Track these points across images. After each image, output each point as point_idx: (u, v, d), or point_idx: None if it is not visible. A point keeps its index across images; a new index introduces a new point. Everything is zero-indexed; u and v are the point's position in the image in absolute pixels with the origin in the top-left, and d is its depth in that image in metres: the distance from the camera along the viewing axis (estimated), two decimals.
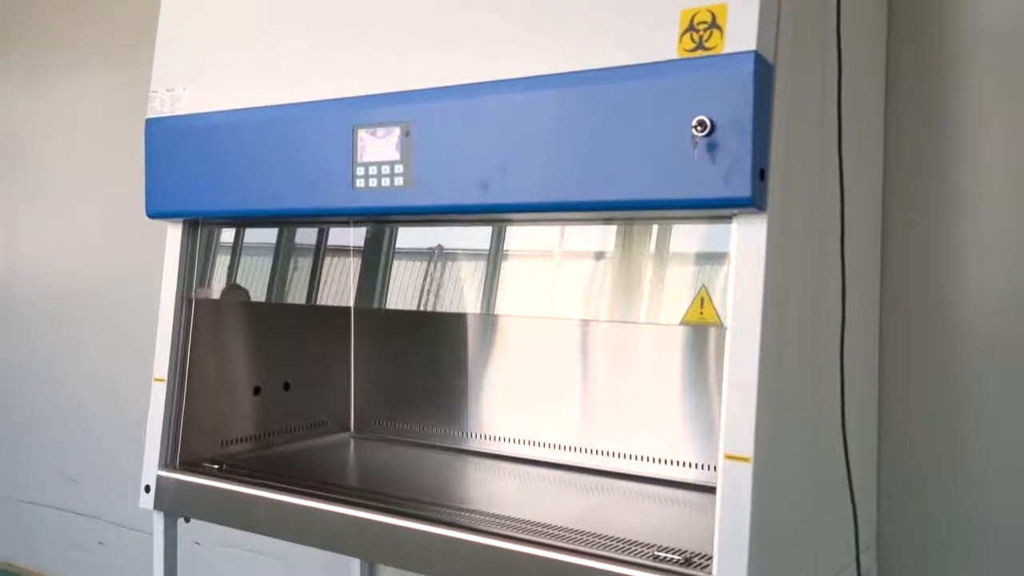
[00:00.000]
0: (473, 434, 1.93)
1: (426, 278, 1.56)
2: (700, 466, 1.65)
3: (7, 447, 3.27)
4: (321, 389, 2.05)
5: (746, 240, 1.14)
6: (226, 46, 1.59)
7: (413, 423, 2.02)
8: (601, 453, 1.76)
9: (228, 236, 1.75)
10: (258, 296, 1.77)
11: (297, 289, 1.74)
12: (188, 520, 1.69)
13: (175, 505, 1.67)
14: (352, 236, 1.67)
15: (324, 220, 1.70)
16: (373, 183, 1.39)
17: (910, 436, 1.63)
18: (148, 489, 1.67)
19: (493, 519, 1.40)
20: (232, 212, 1.60)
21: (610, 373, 1.77)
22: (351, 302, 1.70)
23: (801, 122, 1.24)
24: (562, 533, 1.32)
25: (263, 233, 1.75)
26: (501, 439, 1.89)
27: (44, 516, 3.15)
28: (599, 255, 1.39)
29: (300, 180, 1.47)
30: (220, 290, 1.76)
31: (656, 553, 1.23)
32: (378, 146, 1.38)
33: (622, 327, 1.74)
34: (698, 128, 1.11)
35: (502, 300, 1.48)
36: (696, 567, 1.19)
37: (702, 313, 1.25)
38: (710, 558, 1.15)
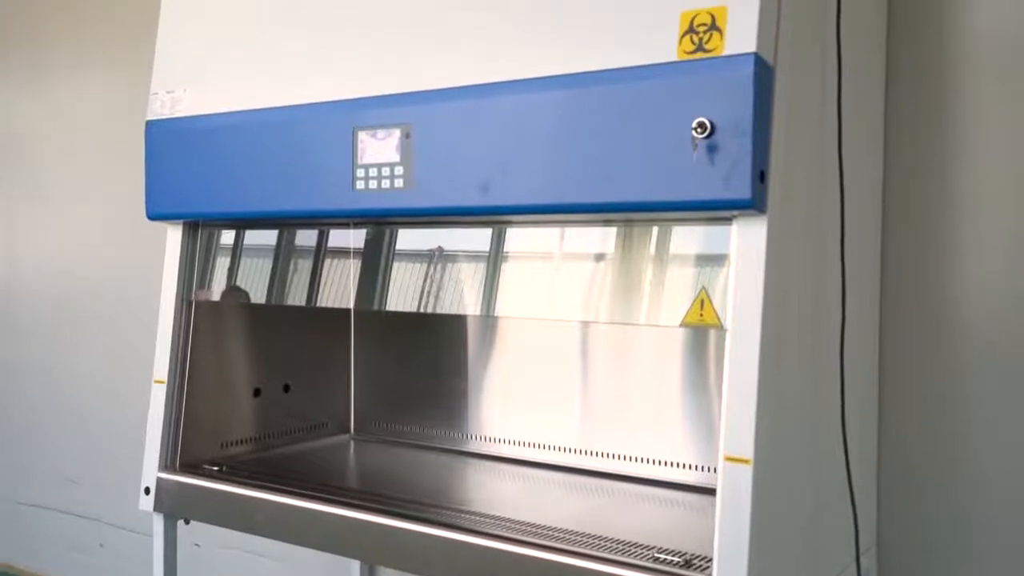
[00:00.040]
0: (473, 436, 1.93)
1: (426, 280, 1.56)
2: (700, 468, 1.65)
3: (7, 448, 3.27)
4: (321, 391, 2.05)
5: (746, 242, 1.14)
6: (226, 48, 1.59)
7: (413, 425, 2.02)
8: (601, 455, 1.76)
9: (228, 238, 1.75)
10: (258, 298, 1.77)
11: (297, 291, 1.74)
12: (188, 522, 1.69)
13: (175, 507, 1.66)
14: (352, 238, 1.67)
15: (324, 222, 1.70)
16: (373, 185, 1.39)
17: (910, 436, 1.63)
18: (148, 491, 1.67)
19: (493, 521, 1.40)
20: (232, 214, 1.60)
21: (610, 375, 1.77)
22: (351, 304, 1.70)
23: (801, 123, 1.24)
24: (562, 535, 1.32)
25: (263, 235, 1.75)
26: (501, 441, 1.89)
27: (44, 518, 3.15)
28: (599, 257, 1.39)
29: (300, 182, 1.47)
30: (220, 292, 1.76)
31: (656, 555, 1.23)
32: (378, 148, 1.38)
33: (622, 329, 1.74)
34: (698, 130, 1.11)
35: (502, 302, 1.48)
36: (696, 569, 1.19)
37: (702, 315, 1.25)
38: (710, 560, 1.15)
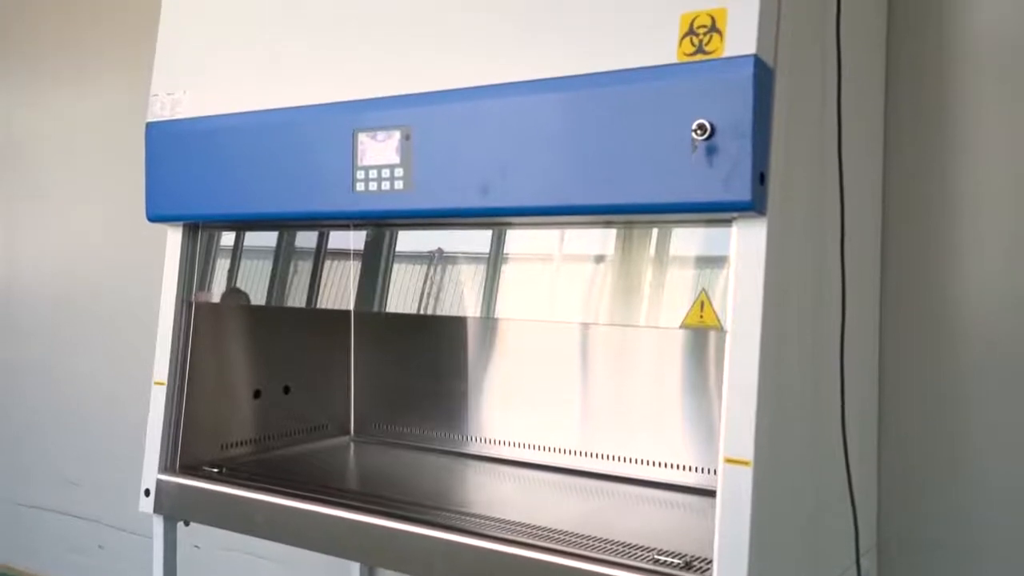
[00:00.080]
0: (473, 438, 1.93)
1: (426, 282, 1.56)
2: (700, 469, 1.65)
3: (7, 450, 3.27)
4: (321, 392, 2.05)
5: (746, 243, 1.14)
6: (226, 50, 1.59)
7: (413, 426, 2.02)
8: (601, 457, 1.76)
9: (228, 239, 1.75)
10: (258, 300, 1.77)
11: (297, 292, 1.74)
12: (188, 524, 1.69)
13: (175, 509, 1.66)
14: (352, 240, 1.67)
15: (324, 224, 1.70)
16: (373, 187, 1.39)
17: (910, 437, 1.63)
18: (148, 493, 1.67)
19: (493, 523, 1.40)
20: (232, 215, 1.60)
21: (610, 377, 1.77)
22: (351, 305, 1.70)
23: (801, 124, 1.24)
24: (562, 537, 1.31)
25: (263, 236, 1.75)
26: (501, 443, 1.89)
27: (44, 519, 3.14)
28: (599, 259, 1.39)
29: (300, 184, 1.47)
30: (220, 293, 1.76)
31: (656, 557, 1.23)
32: (378, 149, 1.38)
33: (622, 331, 1.74)
34: (698, 132, 1.11)
35: (502, 304, 1.48)
36: (696, 571, 1.19)
37: (702, 316, 1.25)
38: (710, 562, 1.15)
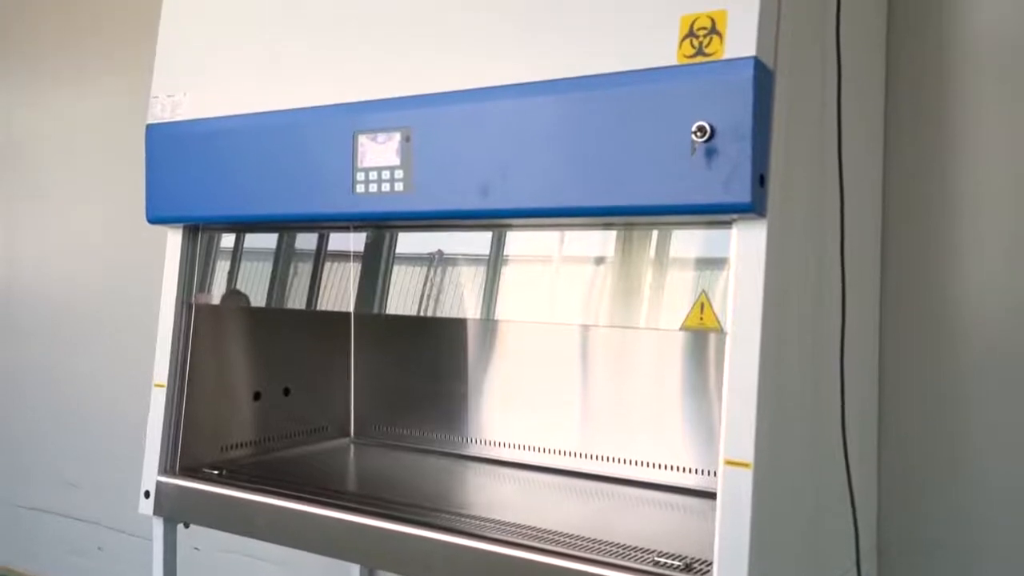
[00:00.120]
0: (473, 439, 1.93)
1: (426, 283, 1.56)
2: (700, 471, 1.65)
3: (7, 451, 3.27)
4: (321, 394, 2.05)
5: (746, 245, 1.14)
6: (227, 52, 1.59)
7: (413, 428, 2.02)
8: (601, 458, 1.76)
9: (228, 241, 1.75)
10: (258, 301, 1.77)
11: (297, 294, 1.74)
12: (188, 526, 1.69)
13: (175, 510, 1.66)
14: (352, 241, 1.67)
15: (324, 225, 1.70)
16: (373, 188, 1.39)
17: (910, 437, 1.63)
18: (148, 494, 1.67)
19: (493, 524, 1.39)
20: (232, 217, 1.60)
21: (610, 378, 1.77)
22: (351, 307, 1.70)
23: (801, 125, 1.24)
24: (562, 539, 1.31)
25: (263, 238, 1.75)
26: (501, 444, 1.89)
27: (43, 521, 3.14)
28: (599, 260, 1.39)
29: (300, 185, 1.47)
30: (220, 295, 1.76)
31: (656, 559, 1.23)
32: (378, 151, 1.38)
33: (622, 332, 1.74)
34: (698, 134, 1.11)
35: (502, 305, 1.48)
36: (696, 573, 1.19)
37: (702, 318, 1.25)
38: (710, 563, 1.14)
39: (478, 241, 1.50)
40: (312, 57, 1.49)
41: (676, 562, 1.21)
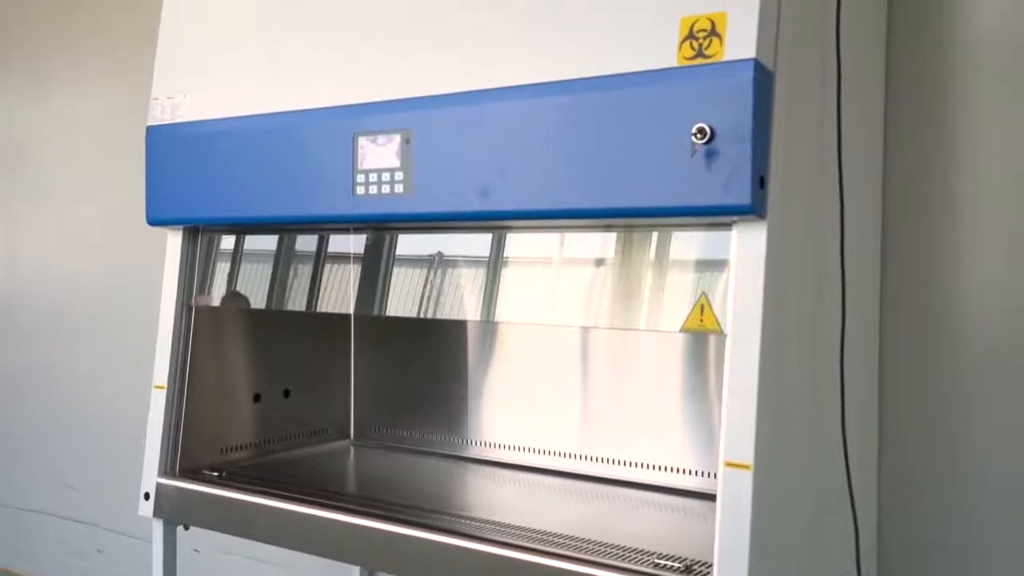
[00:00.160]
0: (473, 441, 1.93)
1: (426, 285, 1.56)
2: (700, 473, 1.65)
3: (6, 453, 3.27)
4: (321, 396, 2.05)
5: (746, 247, 1.14)
6: (227, 54, 1.59)
7: (413, 430, 2.02)
8: (601, 460, 1.76)
9: (228, 243, 1.75)
10: (258, 303, 1.77)
11: (297, 296, 1.74)
12: (187, 527, 1.69)
13: (174, 512, 1.66)
14: (352, 243, 1.67)
15: (324, 227, 1.70)
16: (373, 190, 1.39)
17: (910, 437, 1.63)
18: (147, 496, 1.67)
19: (493, 526, 1.39)
20: (232, 219, 1.60)
21: (610, 380, 1.77)
22: (351, 309, 1.70)
23: (801, 126, 1.24)
24: (562, 540, 1.31)
25: (263, 240, 1.75)
26: (501, 446, 1.89)
27: (43, 523, 3.14)
28: (599, 262, 1.39)
29: (300, 187, 1.47)
30: (220, 297, 1.76)
31: (656, 560, 1.23)
32: (378, 153, 1.38)
33: (622, 334, 1.74)
34: (698, 136, 1.11)
35: (502, 307, 1.48)
36: (696, 575, 1.19)
37: (702, 320, 1.25)
38: (710, 565, 1.14)
39: (478, 243, 1.50)
40: (312, 59, 1.49)
41: (676, 564, 1.21)
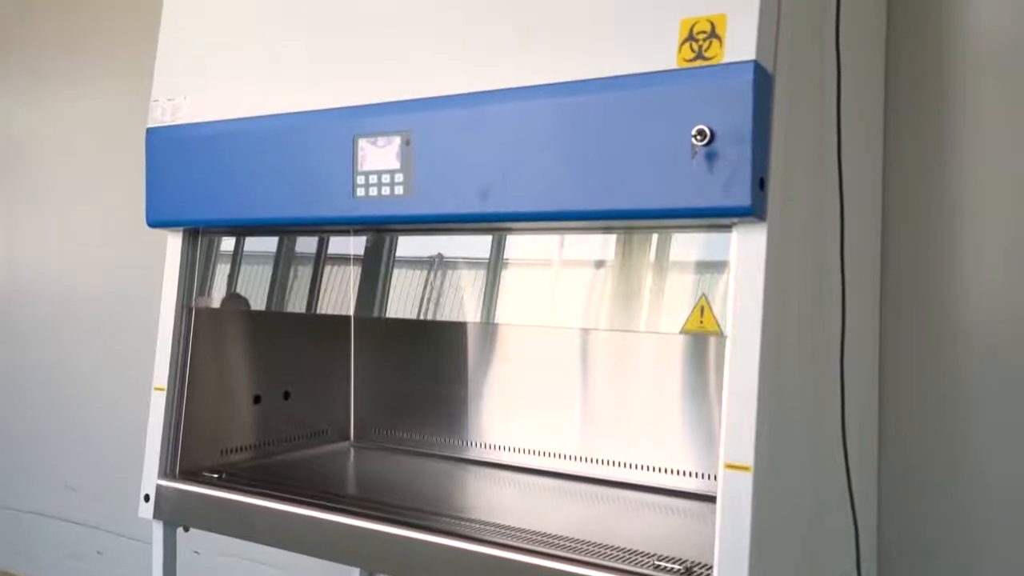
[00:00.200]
0: (473, 443, 1.93)
1: (426, 287, 1.56)
2: (700, 475, 1.65)
3: (6, 454, 3.27)
4: (321, 398, 2.05)
5: (746, 249, 1.14)
6: (227, 55, 1.59)
7: (413, 432, 2.02)
8: (601, 462, 1.76)
9: (228, 245, 1.75)
10: (258, 305, 1.77)
11: (297, 298, 1.74)
12: (187, 529, 1.69)
13: (174, 514, 1.66)
14: (352, 245, 1.67)
15: (324, 229, 1.70)
16: (373, 192, 1.39)
17: (910, 437, 1.63)
18: (147, 498, 1.67)
19: (493, 528, 1.39)
20: (232, 221, 1.60)
21: (610, 382, 1.77)
22: (351, 311, 1.70)
23: (800, 127, 1.24)
24: (562, 542, 1.31)
25: (263, 242, 1.75)
26: (501, 448, 1.89)
27: (43, 525, 3.14)
28: (599, 264, 1.39)
29: (300, 189, 1.47)
30: (220, 299, 1.76)
31: (657, 562, 1.23)
32: (378, 155, 1.38)
33: (622, 336, 1.74)
34: (698, 137, 1.11)
35: (502, 309, 1.48)
36: None
37: (702, 322, 1.25)
38: (711, 567, 1.14)
39: (478, 245, 1.50)
40: (312, 60, 1.49)
41: (676, 566, 1.21)
